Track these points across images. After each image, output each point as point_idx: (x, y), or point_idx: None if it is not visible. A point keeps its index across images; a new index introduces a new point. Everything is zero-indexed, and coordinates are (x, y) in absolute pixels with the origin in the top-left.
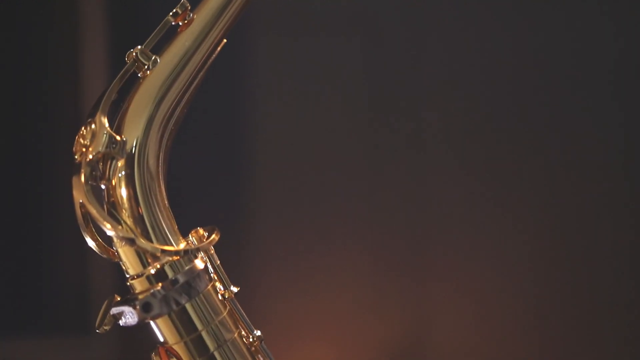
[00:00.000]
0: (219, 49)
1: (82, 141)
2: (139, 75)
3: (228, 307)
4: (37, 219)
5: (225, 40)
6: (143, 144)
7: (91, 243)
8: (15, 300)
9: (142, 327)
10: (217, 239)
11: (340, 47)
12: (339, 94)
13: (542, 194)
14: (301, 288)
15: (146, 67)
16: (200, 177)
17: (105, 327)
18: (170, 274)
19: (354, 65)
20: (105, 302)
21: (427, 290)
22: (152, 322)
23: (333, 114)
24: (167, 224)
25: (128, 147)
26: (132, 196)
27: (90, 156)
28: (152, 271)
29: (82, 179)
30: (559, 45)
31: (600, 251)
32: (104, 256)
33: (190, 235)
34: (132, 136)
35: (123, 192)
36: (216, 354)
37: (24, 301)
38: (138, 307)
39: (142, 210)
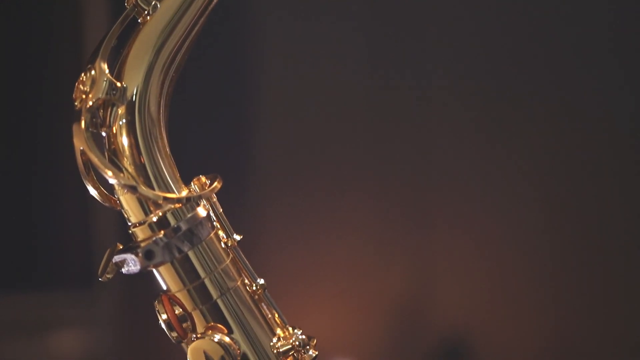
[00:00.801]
0: None
1: (82, 87)
2: (139, 20)
3: (231, 255)
4: (37, 168)
5: None
6: (144, 91)
7: (92, 191)
8: (16, 254)
9: (144, 277)
10: (219, 186)
11: (343, 18)
12: (343, 48)
13: (552, 140)
14: (305, 237)
15: (146, 12)
16: (202, 124)
17: (108, 276)
18: (172, 221)
19: (356, 33)
20: (108, 251)
21: (433, 242)
22: (154, 270)
23: (337, 67)
24: (168, 172)
25: (128, 93)
26: (134, 143)
27: (90, 102)
28: (154, 219)
29: (83, 125)
30: (568, 25)
31: (612, 197)
32: (106, 204)
33: (192, 183)
34: (132, 83)
35: (124, 139)
36: (219, 302)
37: (24, 254)
38: (140, 254)
39: (144, 157)
